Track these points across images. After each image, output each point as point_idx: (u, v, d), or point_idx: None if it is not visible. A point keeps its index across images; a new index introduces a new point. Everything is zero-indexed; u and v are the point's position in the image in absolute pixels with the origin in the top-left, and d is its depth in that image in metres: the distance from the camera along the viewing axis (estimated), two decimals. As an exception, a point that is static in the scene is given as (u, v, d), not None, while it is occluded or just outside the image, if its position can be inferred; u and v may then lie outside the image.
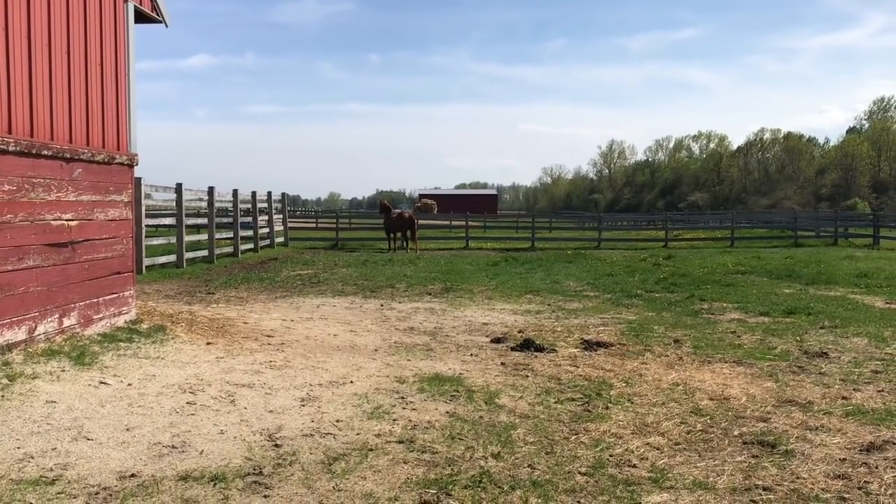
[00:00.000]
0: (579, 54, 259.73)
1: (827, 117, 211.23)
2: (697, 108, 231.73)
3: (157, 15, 10.29)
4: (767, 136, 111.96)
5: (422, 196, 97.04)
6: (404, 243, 26.85)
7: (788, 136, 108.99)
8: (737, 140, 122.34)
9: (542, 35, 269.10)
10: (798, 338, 9.31)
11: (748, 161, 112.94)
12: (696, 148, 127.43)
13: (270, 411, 5.92)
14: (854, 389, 6.80)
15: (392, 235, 27.13)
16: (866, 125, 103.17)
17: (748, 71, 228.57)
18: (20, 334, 7.43)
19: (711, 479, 4.59)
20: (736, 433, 5.51)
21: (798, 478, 4.62)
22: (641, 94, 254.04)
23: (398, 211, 28.66)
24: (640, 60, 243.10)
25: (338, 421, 5.69)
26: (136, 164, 9.64)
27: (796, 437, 5.40)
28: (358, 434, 5.37)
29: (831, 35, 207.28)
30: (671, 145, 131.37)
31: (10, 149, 7.25)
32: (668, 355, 8.32)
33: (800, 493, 4.38)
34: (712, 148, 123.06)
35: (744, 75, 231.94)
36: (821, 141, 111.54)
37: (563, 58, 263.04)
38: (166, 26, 10.61)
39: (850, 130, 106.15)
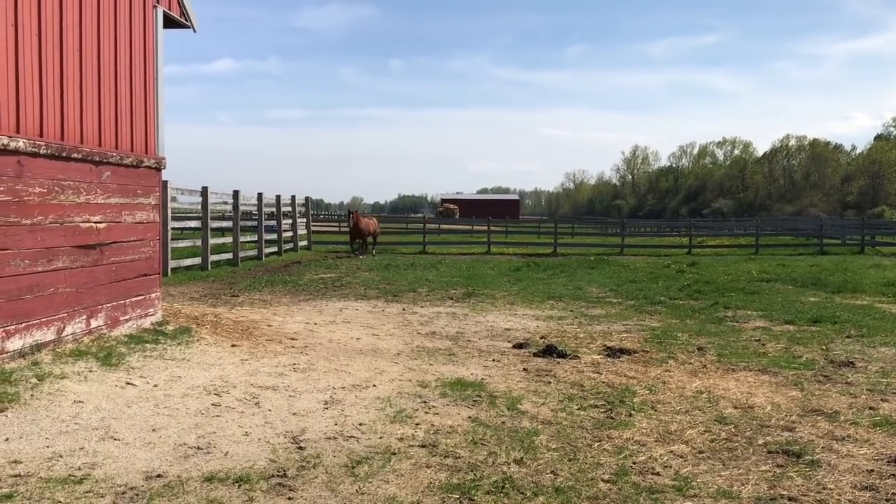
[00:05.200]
0: (600, 60, 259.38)
1: (853, 124, 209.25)
2: (721, 115, 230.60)
3: (186, 20, 10.41)
4: (793, 142, 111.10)
5: (444, 200, 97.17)
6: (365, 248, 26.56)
7: (814, 142, 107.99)
8: (762, 147, 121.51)
9: (562, 40, 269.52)
10: (824, 346, 9.22)
11: (773, 168, 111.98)
12: (720, 154, 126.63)
13: (294, 414, 5.97)
14: (882, 399, 6.72)
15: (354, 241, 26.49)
16: (895, 132, 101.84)
17: (772, 77, 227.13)
18: (49, 335, 7.54)
19: (736, 488, 4.56)
20: (760, 442, 5.47)
21: (824, 488, 4.58)
22: (664, 99, 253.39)
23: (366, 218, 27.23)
24: (662, 66, 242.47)
25: (361, 424, 5.72)
26: (164, 168, 9.75)
27: (822, 448, 5.35)
28: (381, 438, 5.40)
29: (855, 41, 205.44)
30: (695, 151, 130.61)
31: (42, 152, 7.37)
32: (691, 363, 8.27)
33: (826, 503, 4.34)
34: (737, 154, 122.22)
35: (767, 81, 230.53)
36: (847, 148, 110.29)
37: (584, 63, 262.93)
38: (194, 31, 10.74)
39: (878, 137, 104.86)
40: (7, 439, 5.08)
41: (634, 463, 4.98)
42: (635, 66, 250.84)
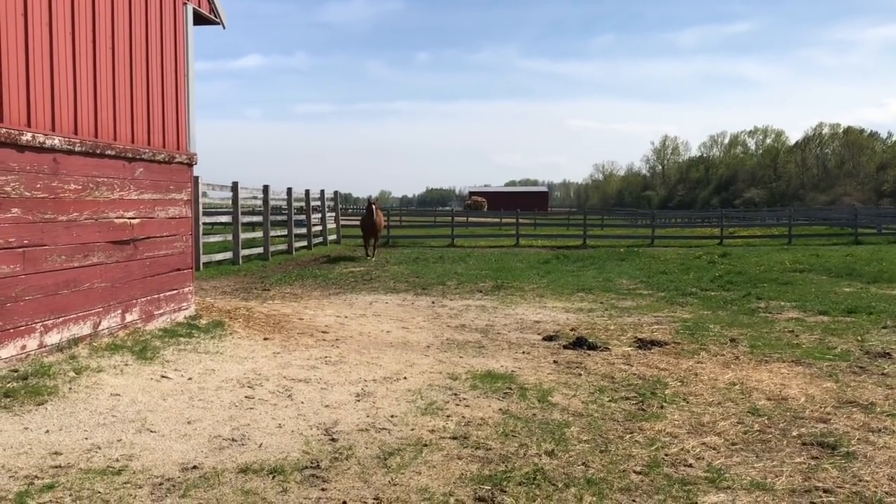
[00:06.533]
0: (628, 49, 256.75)
1: (888, 110, 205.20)
2: (752, 103, 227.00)
3: (215, 17, 10.50)
4: (826, 130, 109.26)
5: (472, 193, 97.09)
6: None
7: (848, 130, 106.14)
8: (794, 135, 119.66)
9: (589, 31, 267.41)
10: (859, 337, 9.10)
11: (806, 157, 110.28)
12: (751, 143, 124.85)
13: (326, 406, 6.02)
14: (919, 391, 6.62)
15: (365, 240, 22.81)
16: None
17: (804, 64, 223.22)
18: (85, 329, 7.68)
19: (769, 479, 4.53)
20: (795, 434, 5.42)
21: (860, 480, 4.52)
22: (694, 89, 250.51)
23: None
24: (691, 55, 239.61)
25: (392, 416, 5.75)
26: (196, 164, 9.86)
27: (858, 439, 5.28)
28: (412, 429, 5.43)
29: (890, 26, 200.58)
30: (726, 141, 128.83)
31: (77, 149, 7.50)
32: (724, 354, 8.20)
33: (862, 496, 4.29)
34: (769, 143, 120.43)
35: (799, 69, 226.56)
36: (883, 135, 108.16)
37: (612, 53, 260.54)
38: (223, 27, 10.83)
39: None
40: (47, 431, 5.19)
41: (666, 455, 4.97)
42: (664, 55, 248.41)
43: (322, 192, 28.12)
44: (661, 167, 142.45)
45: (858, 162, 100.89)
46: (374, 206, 22.00)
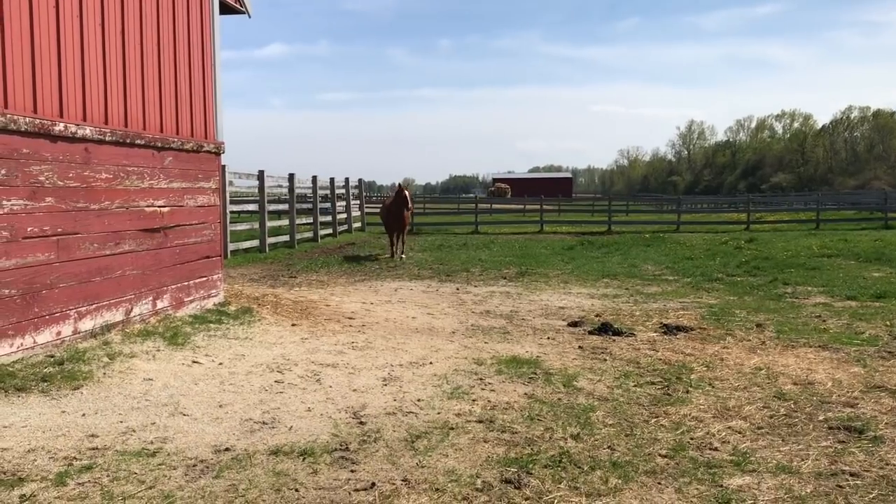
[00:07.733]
0: (652, 33, 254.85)
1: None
2: (779, 87, 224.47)
3: (241, 6, 10.58)
4: (855, 114, 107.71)
5: (495, 180, 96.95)
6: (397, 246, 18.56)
7: (878, 113, 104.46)
8: (822, 119, 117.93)
9: (613, 15, 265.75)
10: (888, 322, 9.02)
11: (834, 140, 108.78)
12: (779, 128, 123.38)
13: (354, 390, 6.11)
14: (948, 376, 6.57)
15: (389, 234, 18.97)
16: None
17: (831, 47, 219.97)
18: (118, 315, 7.83)
19: (795, 463, 4.54)
20: (821, 418, 5.42)
21: (887, 464, 4.52)
22: (719, 73, 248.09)
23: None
24: (717, 38, 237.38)
25: (419, 400, 5.83)
26: (223, 152, 9.97)
27: (885, 423, 5.27)
28: (439, 413, 5.50)
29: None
30: (753, 125, 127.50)
31: (107, 139, 7.62)
32: (750, 339, 8.18)
33: (889, 479, 4.30)
34: (796, 127, 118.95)
35: (827, 51, 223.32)
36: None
37: (636, 37, 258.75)
38: (249, 16, 10.92)
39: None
40: (84, 415, 5.32)
41: (692, 438, 4.99)
42: (689, 39, 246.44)
43: (346, 180, 28.24)
44: (686, 152, 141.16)
45: (889, 145, 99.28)
46: (405, 193, 18.18)
